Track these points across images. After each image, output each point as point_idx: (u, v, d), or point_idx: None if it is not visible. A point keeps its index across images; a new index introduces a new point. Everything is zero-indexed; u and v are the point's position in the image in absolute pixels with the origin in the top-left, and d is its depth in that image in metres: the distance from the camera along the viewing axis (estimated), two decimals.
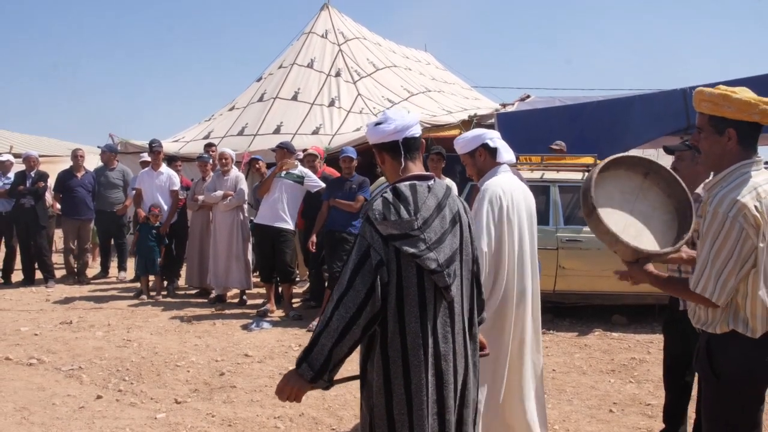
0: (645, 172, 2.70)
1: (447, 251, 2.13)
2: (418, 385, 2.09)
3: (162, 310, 7.52)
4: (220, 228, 7.86)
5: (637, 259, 2.52)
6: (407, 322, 2.10)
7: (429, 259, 2.08)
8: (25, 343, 6.06)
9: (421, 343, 2.09)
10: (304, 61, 13.30)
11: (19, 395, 4.68)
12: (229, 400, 4.61)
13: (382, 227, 2.08)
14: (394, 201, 2.11)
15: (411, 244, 2.07)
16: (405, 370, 2.10)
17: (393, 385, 2.12)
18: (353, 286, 2.04)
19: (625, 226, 2.56)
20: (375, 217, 2.09)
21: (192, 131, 13.13)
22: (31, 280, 9.21)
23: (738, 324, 2.25)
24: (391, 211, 2.09)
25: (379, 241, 2.08)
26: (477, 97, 16.87)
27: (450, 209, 2.20)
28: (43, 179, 9.16)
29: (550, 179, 6.83)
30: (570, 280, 6.61)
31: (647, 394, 4.70)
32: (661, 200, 2.67)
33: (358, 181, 6.86)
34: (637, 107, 8.83)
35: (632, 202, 2.65)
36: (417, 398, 2.09)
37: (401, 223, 2.08)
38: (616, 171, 2.69)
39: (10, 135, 20.43)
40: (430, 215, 2.13)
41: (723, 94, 2.24)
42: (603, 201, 2.57)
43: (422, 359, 2.09)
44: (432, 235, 2.11)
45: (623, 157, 2.75)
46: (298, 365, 2.09)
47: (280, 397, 2.14)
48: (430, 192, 2.18)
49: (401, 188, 2.15)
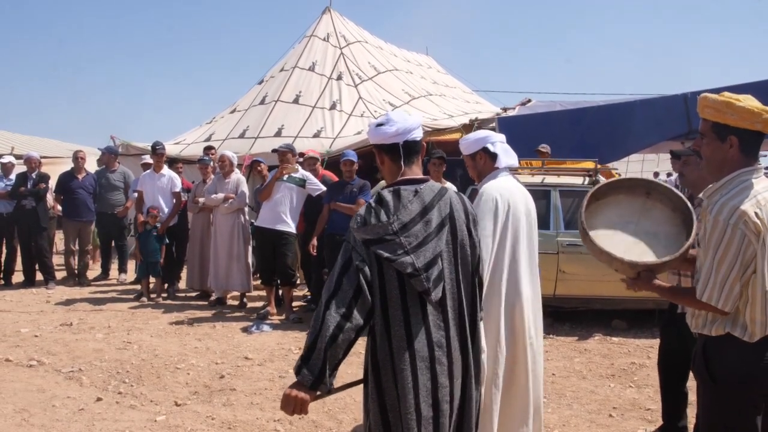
0: (646, 192, 2.76)
1: (428, 255, 2.13)
2: (405, 389, 2.09)
3: (162, 312, 7.52)
4: (220, 230, 7.87)
5: (639, 273, 2.54)
6: (392, 326, 2.11)
7: (404, 263, 2.09)
8: (26, 345, 6.07)
9: (406, 346, 2.10)
10: (305, 64, 13.32)
11: (19, 397, 4.69)
12: (229, 402, 4.62)
13: (358, 233, 2.12)
14: (376, 207, 2.15)
15: (386, 249, 2.09)
16: (394, 375, 2.11)
17: (385, 389, 2.12)
18: (341, 287, 2.07)
19: (627, 246, 2.60)
20: (355, 222, 2.14)
21: (193, 133, 13.14)
22: (31, 281, 9.23)
23: (735, 328, 2.26)
24: (372, 215, 2.13)
25: (360, 245, 2.12)
26: (478, 101, 16.89)
27: (439, 212, 2.19)
28: (45, 181, 9.17)
29: (551, 184, 6.84)
30: (570, 285, 6.61)
31: (647, 399, 4.70)
32: (667, 216, 2.71)
33: (359, 184, 6.87)
34: (638, 112, 8.83)
35: (634, 223, 2.70)
36: (404, 402, 2.09)
37: (377, 227, 2.11)
38: (616, 196, 2.76)
39: (12, 136, 20.42)
40: (411, 219, 2.14)
41: (727, 102, 2.25)
42: (601, 225, 2.66)
43: (408, 363, 2.09)
44: (412, 240, 2.11)
45: (620, 181, 2.81)
46: (298, 372, 2.08)
47: (286, 410, 2.12)
48: (416, 196, 2.18)
49: (384, 194, 2.19)
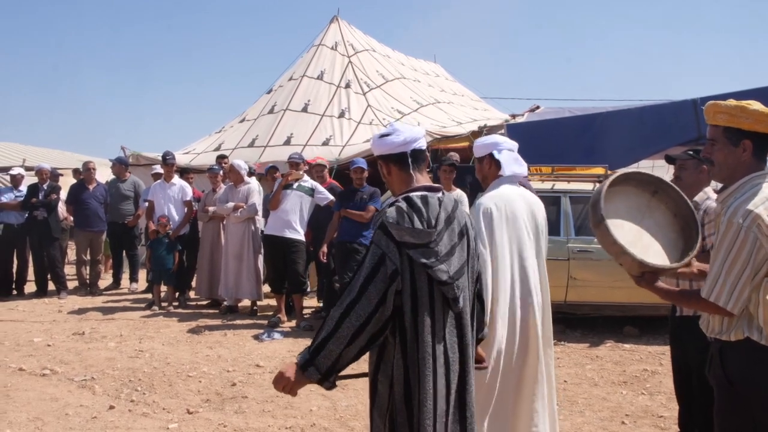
0: (653, 190, 2.73)
1: (456, 264, 2.15)
2: (425, 394, 2.09)
3: (174, 320, 7.55)
4: (231, 239, 7.91)
5: (643, 273, 2.53)
6: (420, 332, 2.11)
7: (440, 271, 2.09)
8: (38, 354, 6.10)
9: (431, 353, 2.10)
10: (314, 73, 13.39)
11: (33, 406, 4.71)
12: (240, 410, 4.62)
13: (397, 232, 2.08)
14: (408, 210, 2.11)
15: (425, 255, 2.08)
16: (419, 380, 2.11)
17: (413, 395, 2.12)
18: (366, 294, 2.05)
19: (633, 240, 2.56)
20: (389, 221, 2.09)
21: (203, 143, 13.23)
22: (44, 291, 9.29)
23: (753, 332, 2.25)
24: (405, 219, 2.09)
25: (394, 250, 2.08)
26: (486, 108, 16.90)
27: (458, 222, 2.22)
28: (56, 191, 9.26)
29: (561, 190, 6.83)
30: (581, 291, 6.59)
31: (659, 406, 4.66)
32: (668, 220, 2.69)
33: (369, 191, 6.89)
34: (647, 118, 8.80)
35: (639, 219, 2.66)
36: (423, 408, 2.09)
37: (419, 233, 2.08)
38: (626, 187, 2.70)
39: (24, 148, 20.62)
40: (442, 228, 2.15)
41: (740, 106, 2.28)
42: (612, 214, 2.58)
43: (431, 369, 2.10)
44: (443, 248, 2.12)
45: (634, 173, 2.76)
46: (305, 367, 2.09)
47: (276, 386, 2.16)
48: (441, 205, 2.19)
49: (414, 198, 2.15)
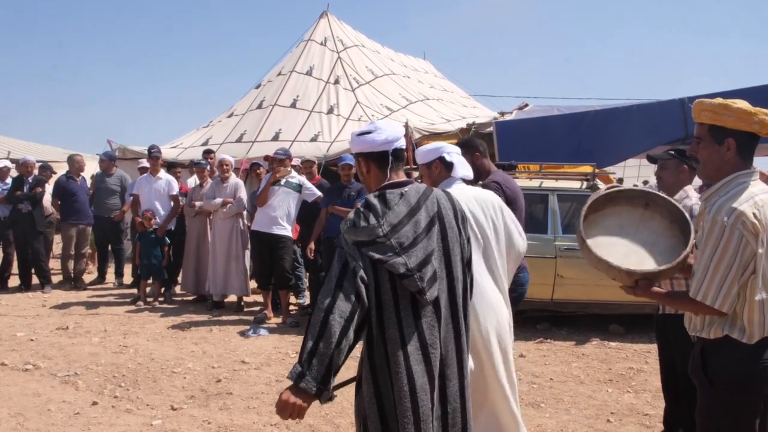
0: (645, 203, 2.80)
1: (420, 254, 2.14)
2: (401, 393, 2.08)
3: (159, 316, 7.50)
4: (219, 235, 7.86)
5: (636, 282, 2.55)
6: (386, 328, 2.12)
7: (396, 264, 2.10)
8: (21, 349, 6.04)
9: (400, 349, 2.10)
10: (303, 69, 13.33)
11: (15, 401, 4.66)
12: (225, 406, 4.60)
13: (349, 235, 2.14)
14: (364, 210, 2.18)
15: (378, 250, 2.11)
16: (390, 379, 2.11)
17: (383, 394, 2.12)
18: (343, 290, 2.06)
19: (625, 255, 2.63)
20: (345, 225, 2.17)
21: (190, 137, 13.13)
22: (27, 285, 9.19)
23: (734, 330, 2.27)
24: (361, 218, 2.15)
25: (352, 248, 2.13)
26: (475, 105, 16.92)
27: (427, 212, 2.22)
28: (41, 185, 9.16)
29: (549, 188, 6.83)
30: (568, 289, 6.60)
31: (645, 404, 4.69)
32: (665, 226, 2.74)
33: (356, 188, 6.86)
34: (635, 117, 8.84)
35: (633, 234, 2.74)
36: (401, 406, 2.08)
37: (367, 229, 2.12)
38: (615, 207, 2.80)
39: (8, 141, 20.35)
40: (399, 221, 2.15)
41: (723, 104, 2.30)
42: (600, 233, 2.71)
43: (403, 366, 2.09)
44: (403, 241, 2.13)
45: (621, 191, 2.83)
46: (298, 380, 2.01)
47: (282, 415, 2.07)
48: (402, 198, 2.21)
49: (370, 199, 2.21)
